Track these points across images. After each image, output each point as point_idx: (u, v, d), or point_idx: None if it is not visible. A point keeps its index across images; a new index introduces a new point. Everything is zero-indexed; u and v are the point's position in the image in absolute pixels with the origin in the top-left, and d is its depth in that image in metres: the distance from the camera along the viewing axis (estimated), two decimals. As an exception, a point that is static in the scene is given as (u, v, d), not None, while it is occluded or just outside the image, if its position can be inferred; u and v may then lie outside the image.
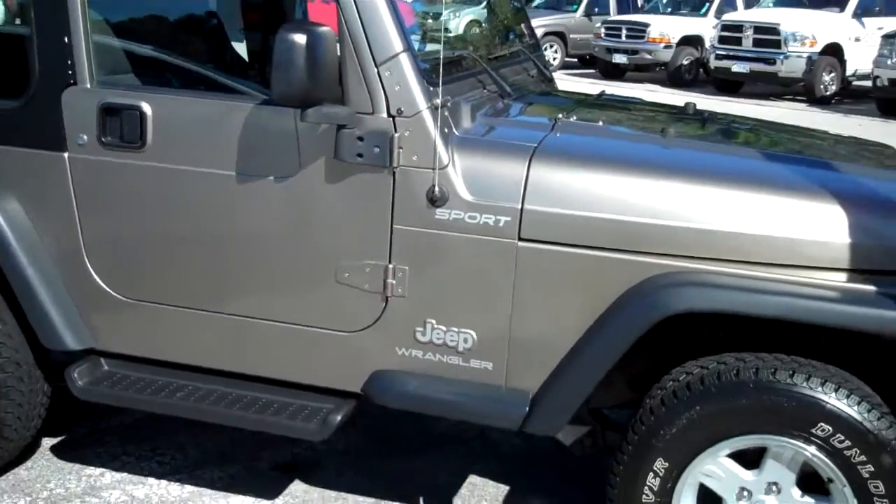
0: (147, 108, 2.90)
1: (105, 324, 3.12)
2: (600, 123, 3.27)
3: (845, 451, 2.54)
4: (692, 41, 18.33)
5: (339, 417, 2.93)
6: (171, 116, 2.91)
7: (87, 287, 3.09)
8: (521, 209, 2.71)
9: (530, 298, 2.76)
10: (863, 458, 2.53)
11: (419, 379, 2.89)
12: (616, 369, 2.84)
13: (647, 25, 18.59)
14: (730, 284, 2.60)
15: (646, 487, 2.70)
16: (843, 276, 2.61)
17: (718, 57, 16.73)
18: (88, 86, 2.95)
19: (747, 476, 2.70)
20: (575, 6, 21.59)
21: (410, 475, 3.61)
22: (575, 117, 3.23)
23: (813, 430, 2.55)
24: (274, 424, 2.97)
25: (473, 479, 3.61)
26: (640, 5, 21.60)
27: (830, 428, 2.54)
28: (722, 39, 16.67)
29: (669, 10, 19.84)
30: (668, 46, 18.29)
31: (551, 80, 3.80)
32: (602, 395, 3.00)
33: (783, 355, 2.63)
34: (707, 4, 19.36)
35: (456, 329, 2.84)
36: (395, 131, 2.72)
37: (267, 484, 3.49)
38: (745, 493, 2.71)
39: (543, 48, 20.46)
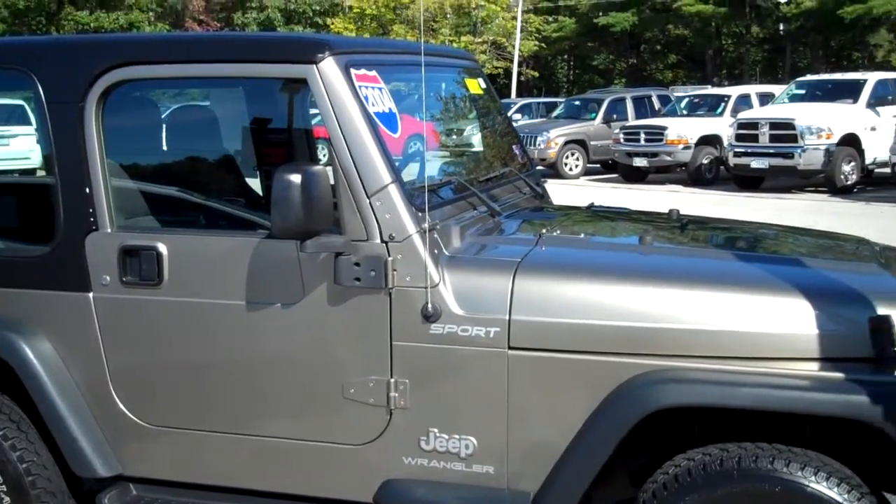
0: (162, 247, 3.16)
1: (132, 451, 3.33)
2: (582, 236, 3.49)
3: (829, 533, 2.67)
4: (710, 140, 18.69)
5: (352, 530, 3.09)
6: (185, 254, 3.17)
7: (113, 417, 3.31)
8: (509, 320, 2.91)
9: (524, 403, 2.94)
10: (846, 538, 2.65)
11: (426, 486, 3.05)
12: (618, 466, 3.00)
13: (664, 128, 19.00)
14: (705, 379, 2.77)
15: (649, 576, 2.83)
16: (813, 366, 2.77)
17: (737, 154, 17.03)
18: (109, 230, 3.22)
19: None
20: (593, 114, 22.13)
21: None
22: (558, 231, 3.45)
23: (797, 514, 2.68)
24: (292, 539, 3.14)
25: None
26: (657, 109, 22.09)
27: (812, 511, 2.67)
28: (739, 137, 16.99)
29: (686, 112, 20.28)
30: (686, 147, 18.66)
31: (542, 196, 4.03)
32: (605, 492, 3.15)
33: (764, 444, 2.78)
34: (723, 104, 19.78)
35: (458, 436, 3.01)
36: (389, 255, 2.95)
37: None
38: (740, 579, 2.82)
39: (565, 156, 21.06)
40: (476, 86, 3.95)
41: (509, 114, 28.51)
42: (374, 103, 3.06)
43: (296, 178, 2.81)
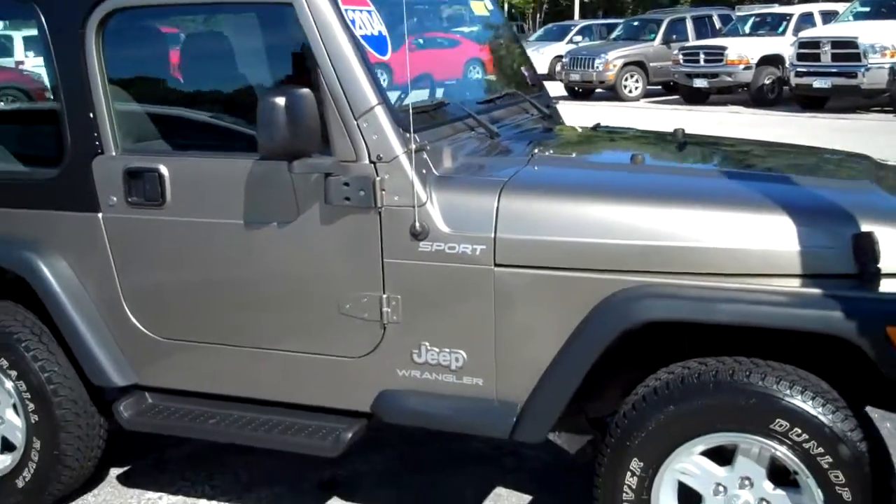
0: (164, 169, 3.28)
1: (144, 361, 3.49)
2: (573, 155, 3.51)
3: (804, 444, 2.71)
4: (772, 60, 18.27)
5: (349, 435, 3.22)
6: (185, 175, 3.28)
7: (127, 330, 3.47)
8: (495, 238, 2.97)
9: (510, 318, 3.01)
10: (821, 449, 2.70)
11: (419, 397, 3.16)
12: (610, 380, 3.07)
13: (724, 48, 18.61)
14: (683, 295, 2.80)
15: (625, 486, 2.91)
16: (795, 282, 2.78)
17: (799, 74, 16.65)
18: (114, 153, 3.35)
19: (721, 472, 2.88)
20: (653, 35, 21.73)
21: (438, 490, 3.87)
22: (552, 151, 3.48)
23: (771, 426, 2.73)
24: (294, 444, 3.28)
25: (499, 491, 3.85)
26: (718, 29, 21.59)
27: (787, 423, 2.71)
28: (801, 56, 16.59)
29: (747, 31, 19.80)
30: (747, 67, 18.27)
31: (550, 118, 4.05)
32: (600, 406, 3.24)
33: (743, 358, 2.82)
34: (785, 23, 19.27)
35: (448, 350, 3.10)
36: (377, 175, 3.02)
37: (308, 502, 3.80)
38: (721, 489, 2.89)
39: (624, 78, 20.76)
40: (482, 7, 3.96)
41: (569, 36, 28.05)
42: (362, 26, 3.10)
43: (280, 101, 2.88)
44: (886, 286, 2.71)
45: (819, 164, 3.55)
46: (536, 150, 3.35)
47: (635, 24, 23.70)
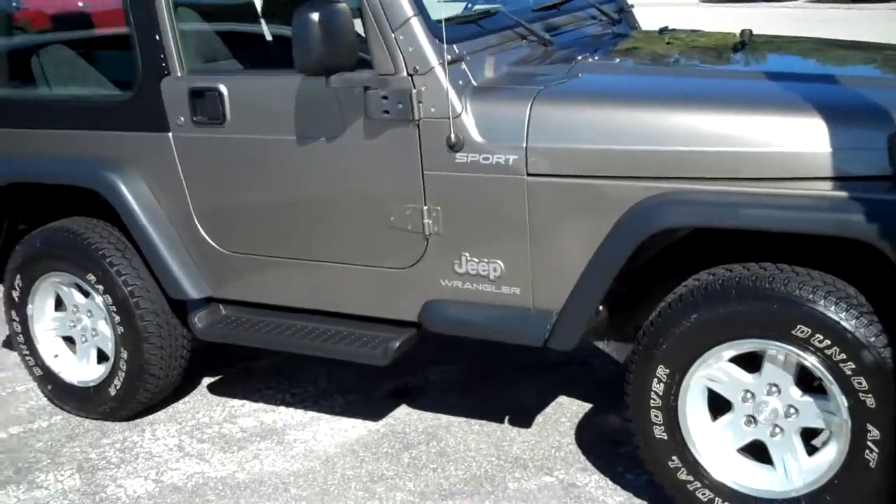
0: (224, 88, 3.44)
1: (216, 275, 3.71)
2: (617, 61, 3.47)
3: (826, 351, 2.68)
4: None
5: (397, 344, 3.36)
6: (242, 93, 3.42)
7: (199, 245, 3.69)
8: (526, 147, 3.00)
9: (543, 227, 3.06)
10: (843, 356, 2.66)
11: (461, 306, 3.26)
12: (657, 289, 3.09)
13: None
14: (705, 201, 2.78)
15: (652, 392, 2.95)
16: (826, 185, 2.70)
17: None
18: (179, 74, 3.53)
19: (748, 379, 2.88)
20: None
21: (503, 398, 3.98)
22: (597, 57, 3.45)
23: (793, 332, 2.70)
24: (348, 353, 3.45)
25: (561, 400, 3.94)
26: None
27: (809, 329, 2.68)
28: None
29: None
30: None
31: (620, 23, 4.00)
32: (647, 315, 3.26)
33: (769, 264, 2.79)
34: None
35: (487, 260, 3.18)
36: (414, 88, 3.09)
37: (378, 409, 3.99)
38: (749, 396, 2.89)
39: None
40: None
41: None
42: None
43: (314, 16, 2.96)
44: None
45: (878, 63, 3.40)
46: (580, 58, 3.33)
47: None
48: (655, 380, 2.93)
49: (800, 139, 2.73)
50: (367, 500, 3.35)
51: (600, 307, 3.09)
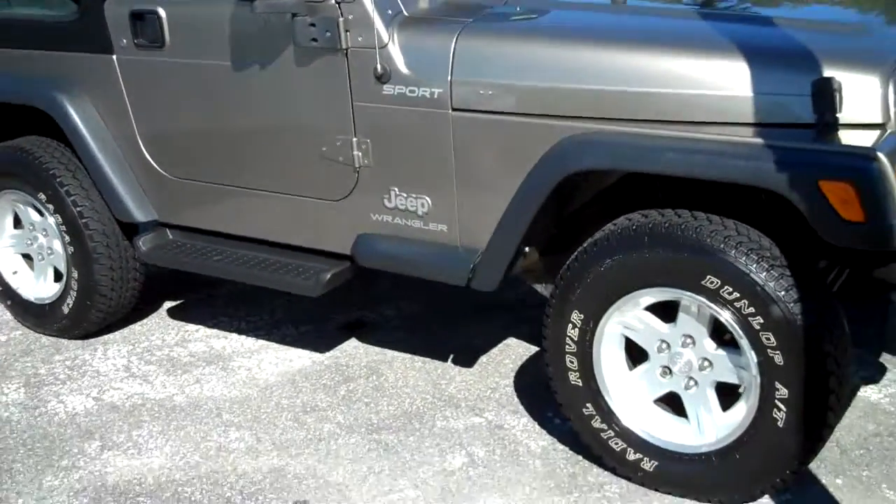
0: (162, 12, 3.38)
1: (161, 199, 3.70)
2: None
3: (735, 304, 2.58)
4: None
5: (328, 276, 3.32)
6: (181, 17, 3.36)
7: (145, 169, 3.67)
8: (451, 81, 2.91)
9: (468, 164, 2.98)
10: (751, 309, 2.56)
11: (390, 241, 3.20)
12: (589, 234, 3.00)
13: None
14: (622, 143, 2.67)
15: (567, 338, 2.88)
16: (748, 131, 2.56)
17: None
18: (121, -4, 3.48)
19: (664, 329, 2.80)
20: None
21: (452, 337, 3.94)
22: None
23: (703, 283, 2.61)
24: (283, 282, 3.42)
25: (509, 341, 3.89)
26: None
27: (718, 280, 2.58)
28: None
29: None
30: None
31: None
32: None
33: (685, 211, 2.68)
34: None
35: (415, 195, 3.11)
36: (341, 15, 3.00)
37: (327, 341, 3.97)
38: (665, 346, 2.81)
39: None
40: None
41: None
42: None
43: None
44: (846, 137, 2.48)
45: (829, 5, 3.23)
46: (516, -8, 3.21)
47: None
48: (570, 325, 2.86)
49: (722, 82, 2.60)
50: (295, 429, 3.34)
51: (527, 248, 3.02)
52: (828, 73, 2.50)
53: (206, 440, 3.31)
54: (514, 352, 3.81)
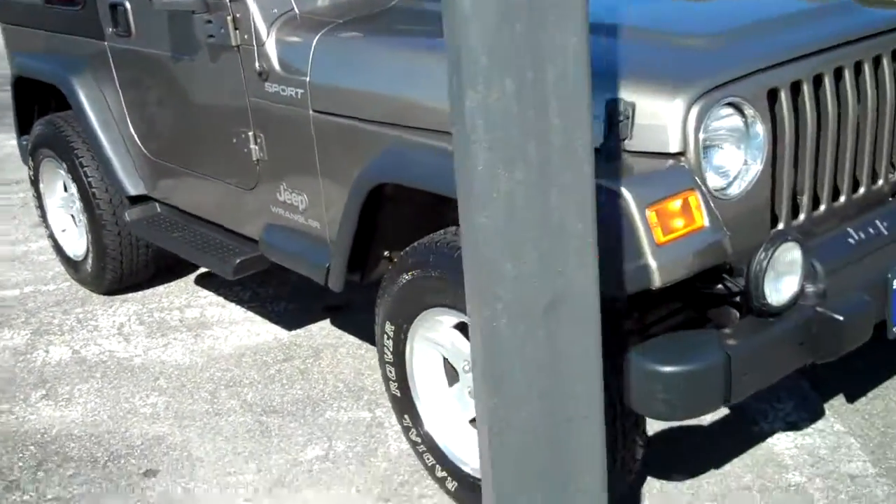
0: (128, 3, 3.66)
1: (147, 176, 4.01)
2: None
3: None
4: None
5: (237, 261, 3.48)
6: (140, 9, 3.63)
7: (133, 146, 4.00)
8: (308, 82, 2.96)
9: (328, 164, 3.02)
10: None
11: (282, 232, 3.32)
12: None
13: None
14: (419, 159, 2.61)
15: (384, 347, 2.86)
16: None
17: None
18: (106, -13, 3.80)
19: (467, 349, 2.71)
20: None
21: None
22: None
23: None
24: (207, 263, 3.64)
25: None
26: None
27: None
28: None
29: None
30: None
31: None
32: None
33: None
34: None
35: (297, 191, 3.20)
36: (230, 14, 3.12)
37: (301, 320, 4.13)
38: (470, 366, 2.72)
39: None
40: None
41: None
42: None
43: None
44: (636, 166, 2.28)
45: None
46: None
47: None
48: (385, 335, 2.85)
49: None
50: (203, 401, 3.55)
51: (386, 253, 3.02)
52: (630, 94, 2.31)
53: (126, 401, 3.60)
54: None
